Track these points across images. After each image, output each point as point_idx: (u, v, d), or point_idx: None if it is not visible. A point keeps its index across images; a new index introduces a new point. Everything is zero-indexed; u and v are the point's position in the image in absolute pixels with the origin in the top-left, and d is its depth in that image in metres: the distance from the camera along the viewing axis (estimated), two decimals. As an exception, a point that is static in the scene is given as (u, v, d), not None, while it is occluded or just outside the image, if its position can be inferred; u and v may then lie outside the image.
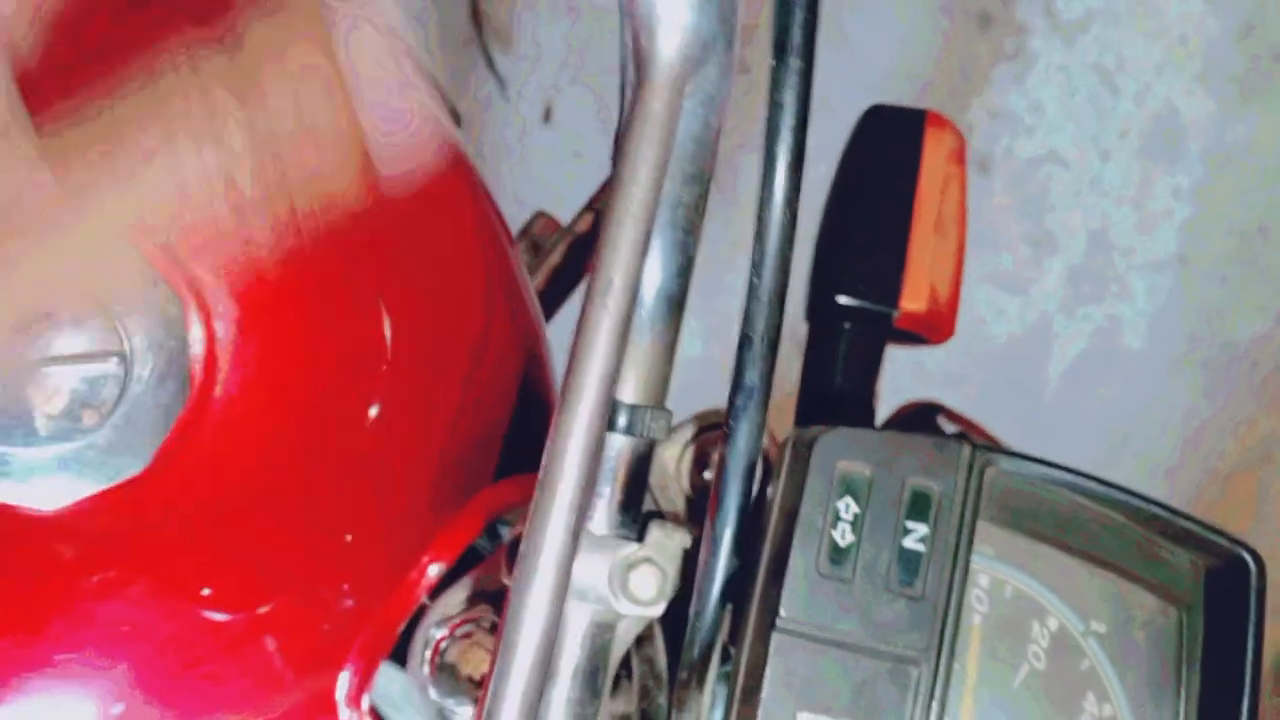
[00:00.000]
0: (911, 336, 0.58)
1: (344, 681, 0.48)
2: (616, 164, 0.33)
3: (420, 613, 0.48)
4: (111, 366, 0.37)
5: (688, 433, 0.48)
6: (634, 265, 0.33)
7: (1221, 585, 0.35)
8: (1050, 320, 1.57)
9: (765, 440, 0.42)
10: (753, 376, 0.32)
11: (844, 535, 0.35)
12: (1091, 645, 0.36)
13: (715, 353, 1.40)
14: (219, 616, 0.45)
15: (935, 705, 0.34)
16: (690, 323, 0.45)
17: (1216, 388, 1.55)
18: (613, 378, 0.36)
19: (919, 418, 0.52)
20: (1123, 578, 0.36)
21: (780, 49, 0.28)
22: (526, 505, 0.50)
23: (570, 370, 0.36)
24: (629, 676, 0.48)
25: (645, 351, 0.42)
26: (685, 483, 0.48)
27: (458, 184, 0.51)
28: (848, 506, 0.35)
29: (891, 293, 0.55)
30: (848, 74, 1.52)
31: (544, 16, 1.50)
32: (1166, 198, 1.60)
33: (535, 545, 0.35)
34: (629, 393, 0.42)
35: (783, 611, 0.35)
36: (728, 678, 0.38)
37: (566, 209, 0.83)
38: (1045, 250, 1.58)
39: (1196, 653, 0.35)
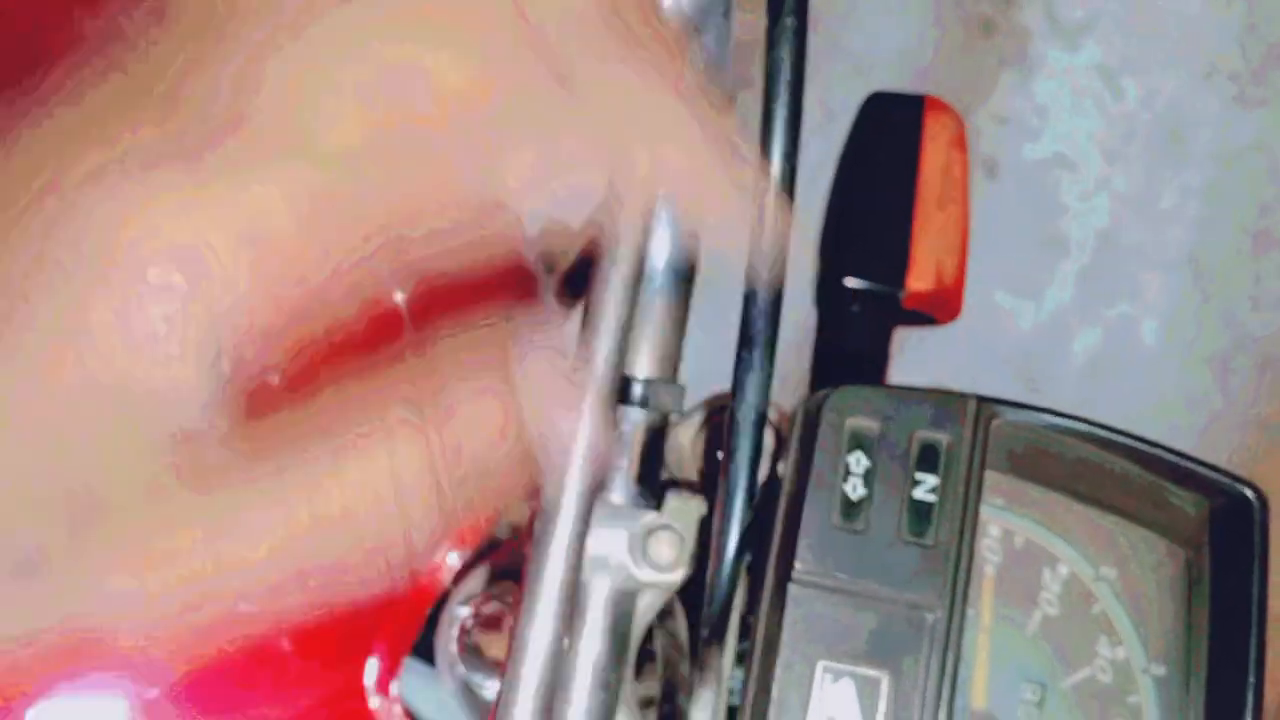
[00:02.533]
0: (920, 317, 0.59)
1: (372, 669, 0.49)
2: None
3: (443, 600, 0.49)
4: None
5: (701, 414, 0.49)
6: (640, 232, 0.34)
7: (1227, 524, 0.36)
8: (1063, 321, 1.57)
9: (773, 414, 0.43)
10: (759, 328, 0.33)
11: (855, 489, 0.36)
12: (1102, 590, 0.37)
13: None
14: (243, 608, 0.46)
15: (951, 650, 0.35)
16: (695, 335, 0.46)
17: (1231, 384, 1.55)
18: (622, 347, 0.37)
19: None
20: (1130, 522, 0.37)
21: (775, 6, 0.29)
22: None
23: (580, 341, 0.37)
24: (653, 660, 0.49)
25: (656, 327, 0.43)
26: (701, 462, 0.49)
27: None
28: (858, 461, 0.36)
29: (898, 273, 0.56)
30: (851, 84, 1.54)
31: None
32: (1175, 197, 1.60)
33: (551, 506, 0.36)
34: (642, 367, 0.43)
35: (798, 565, 0.36)
36: (747, 635, 0.39)
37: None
38: (1056, 252, 1.59)
39: (1205, 592, 0.36)
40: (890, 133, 0.59)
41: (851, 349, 0.58)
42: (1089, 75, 1.60)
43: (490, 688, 0.44)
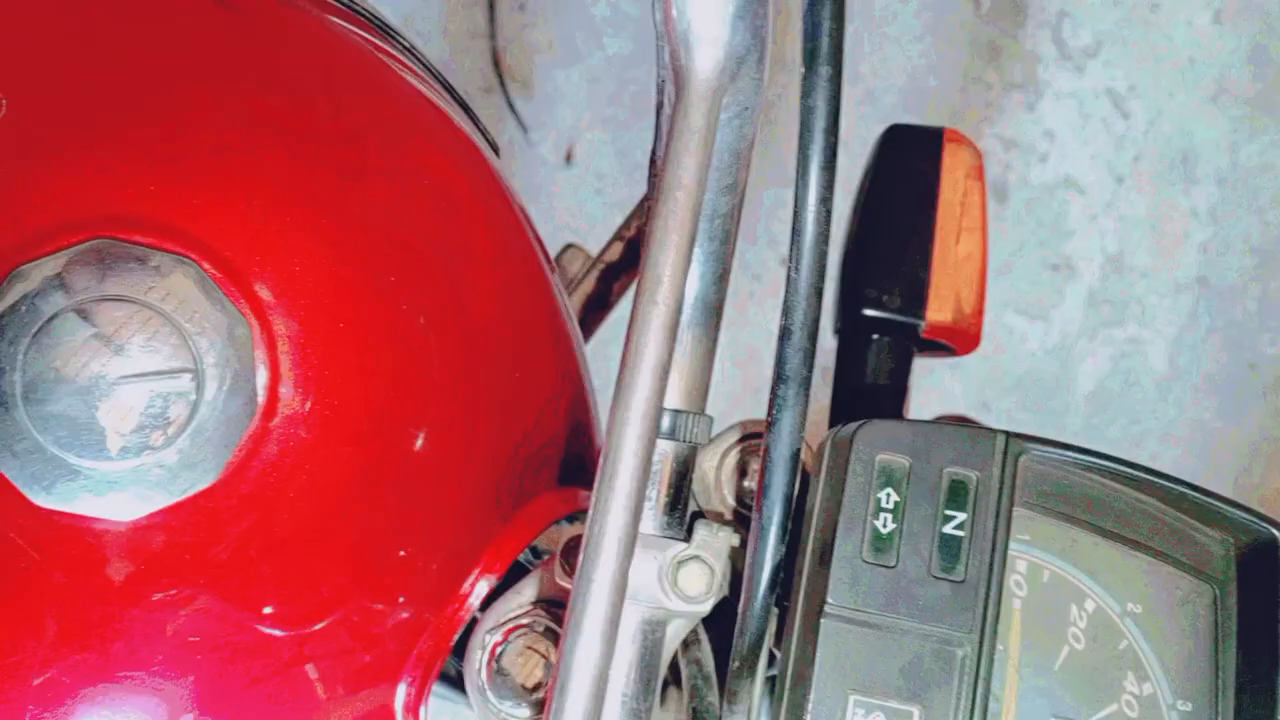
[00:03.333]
0: (939, 346, 0.60)
1: (401, 693, 0.50)
2: (661, 175, 0.34)
3: (472, 625, 0.49)
4: (184, 383, 0.39)
5: (727, 441, 0.50)
6: (680, 270, 0.35)
7: (1254, 563, 0.36)
8: (1072, 344, 1.58)
9: (803, 451, 0.43)
10: (794, 365, 0.33)
11: (885, 524, 0.37)
12: (1129, 626, 0.37)
13: (740, 385, 1.42)
14: (279, 633, 0.47)
15: (981, 684, 0.35)
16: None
17: (1241, 406, 1.56)
18: (664, 380, 0.37)
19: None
20: (1157, 558, 0.37)
21: (810, 57, 0.30)
22: (570, 514, 0.51)
23: (623, 375, 0.38)
24: (677, 684, 0.49)
25: (686, 358, 0.43)
26: (726, 491, 0.49)
27: (500, 209, 0.53)
28: (888, 496, 0.37)
29: (917, 304, 0.57)
30: (862, 111, 1.55)
31: (561, 62, 1.53)
32: (1183, 219, 1.61)
33: (596, 545, 0.36)
34: (671, 399, 0.43)
35: (830, 598, 0.36)
36: (773, 664, 0.39)
37: (592, 243, 0.85)
38: (1064, 275, 1.59)
39: (1232, 629, 0.36)
40: (909, 165, 0.59)
41: (871, 380, 0.58)
42: (1096, 98, 1.61)
43: (519, 714, 0.45)
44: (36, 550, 0.42)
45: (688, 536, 0.42)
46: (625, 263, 0.76)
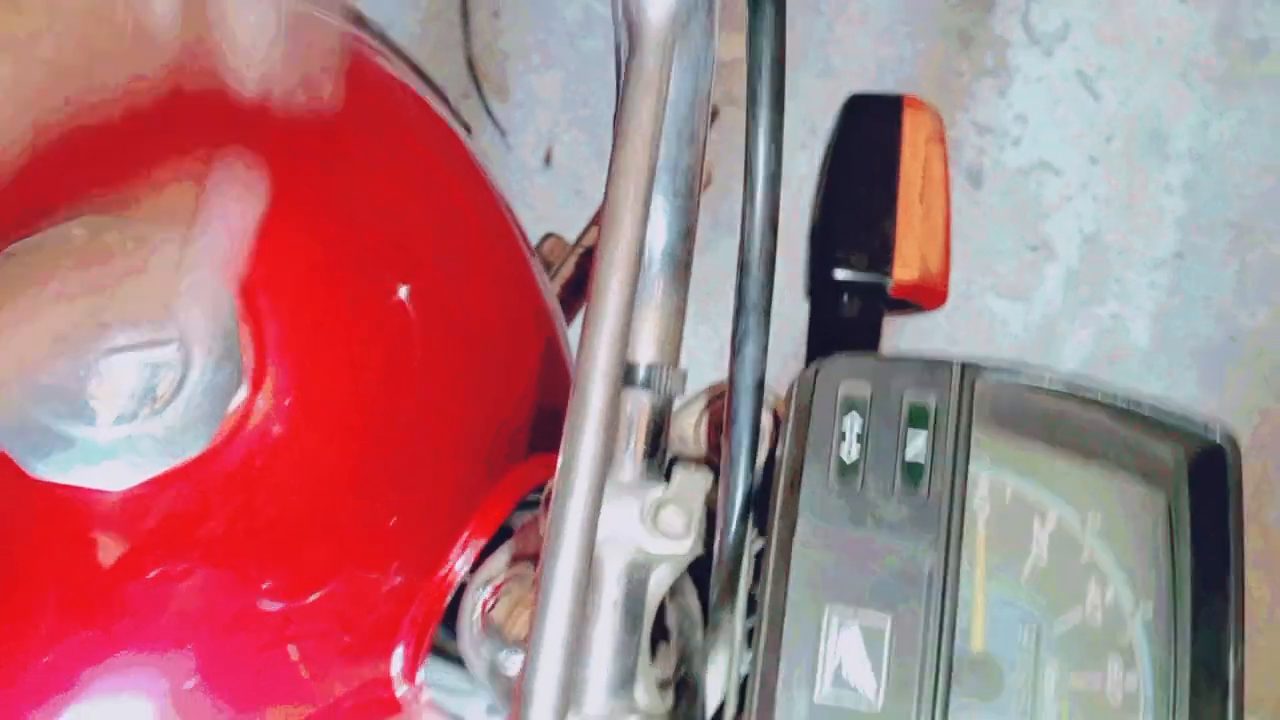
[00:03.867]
0: (908, 305, 0.61)
1: (398, 658, 0.51)
2: (616, 127, 0.36)
3: (463, 589, 0.51)
4: (170, 354, 0.40)
5: (703, 400, 0.52)
6: (638, 217, 0.36)
7: (1203, 469, 0.38)
8: (1054, 324, 1.60)
9: (770, 399, 0.45)
10: (753, 296, 0.35)
11: (850, 450, 0.38)
12: (1089, 537, 0.39)
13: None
14: (274, 605, 0.48)
15: (949, 595, 0.37)
16: (700, 331, 0.48)
17: (1225, 379, 1.57)
18: (625, 328, 0.38)
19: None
20: (1111, 470, 0.39)
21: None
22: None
23: (585, 326, 0.39)
24: (666, 640, 0.51)
25: (656, 313, 0.45)
26: (704, 445, 0.51)
27: (478, 189, 0.55)
28: (852, 423, 0.39)
29: (885, 264, 0.59)
30: (835, 101, 1.57)
31: (536, 67, 1.55)
32: (1158, 196, 1.63)
33: (565, 485, 0.37)
34: (645, 353, 0.45)
35: (800, 523, 0.38)
36: (753, 610, 0.41)
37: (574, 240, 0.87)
38: (1043, 256, 1.61)
39: (1185, 533, 0.38)
40: (871, 131, 0.61)
41: (843, 339, 0.60)
42: (1067, 81, 1.63)
43: (514, 663, 0.46)
44: (35, 524, 0.43)
45: (666, 482, 0.44)
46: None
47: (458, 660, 0.57)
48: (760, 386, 0.36)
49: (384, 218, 0.50)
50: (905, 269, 0.58)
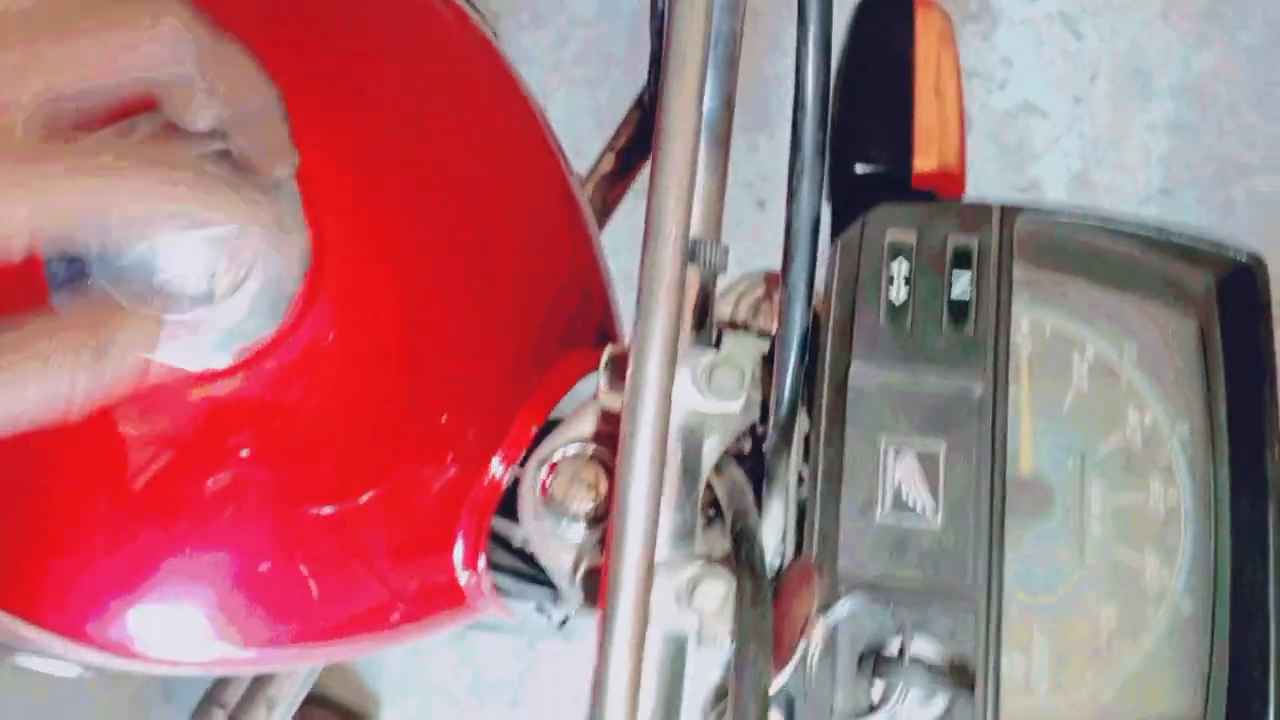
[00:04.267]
0: (927, 197, 0.63)
1: (459, 549, 0.53)
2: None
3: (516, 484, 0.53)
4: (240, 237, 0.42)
5: (744, 283, 0.53)
6: (697, 89, 0.38)
7: (1232, 290, 0.40)
8: (1047, 262, 1.62)
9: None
10: (809, 133, 0.37)
11: (899, 293, 0.40)
12: (1126, 365, 0.41)
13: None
14: (332, 503, 0.50)
15: (999, 420, 0.39)
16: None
17: (1215, 308, 1.60)
18: (689, 201, 0.40)
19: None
20: (1145, 299, 0.41)
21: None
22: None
23: (651, 194, 0.41)
24: (720, 517, 0.52)
25: (699, 189, 0.47)
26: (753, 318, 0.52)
27: (510, 90, 0.57)
28: (899, 268, 0.41)
29: (904, 156, 0.61)
30: (842, 13, 1.59)
31: (527, 26, 1.57)
32: (1143, 134, 1.66)
33: (643, 354, 0.39)
34: (691, 226, 0.47)
35: (855, 362, 0.40)
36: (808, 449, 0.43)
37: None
38: (1033, 198, 1.64)
39: (1218, 353, 0.40)
40: (884, 30, 0.63)
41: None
42: (1049, 23, 1.66)
43: (575, 532, 0.48)
44: (90, 428, 0.45)
45: (719, 345, 0.46)
46: (619, 172, 0.80)
47: (516, 554, 0.60)
48: (817, 224, 0.37)
49: (424, 114, 0.51)
50: (925, 159, 0.61)
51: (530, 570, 0.70)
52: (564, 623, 0.73)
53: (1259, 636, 0.37)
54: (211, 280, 0.42)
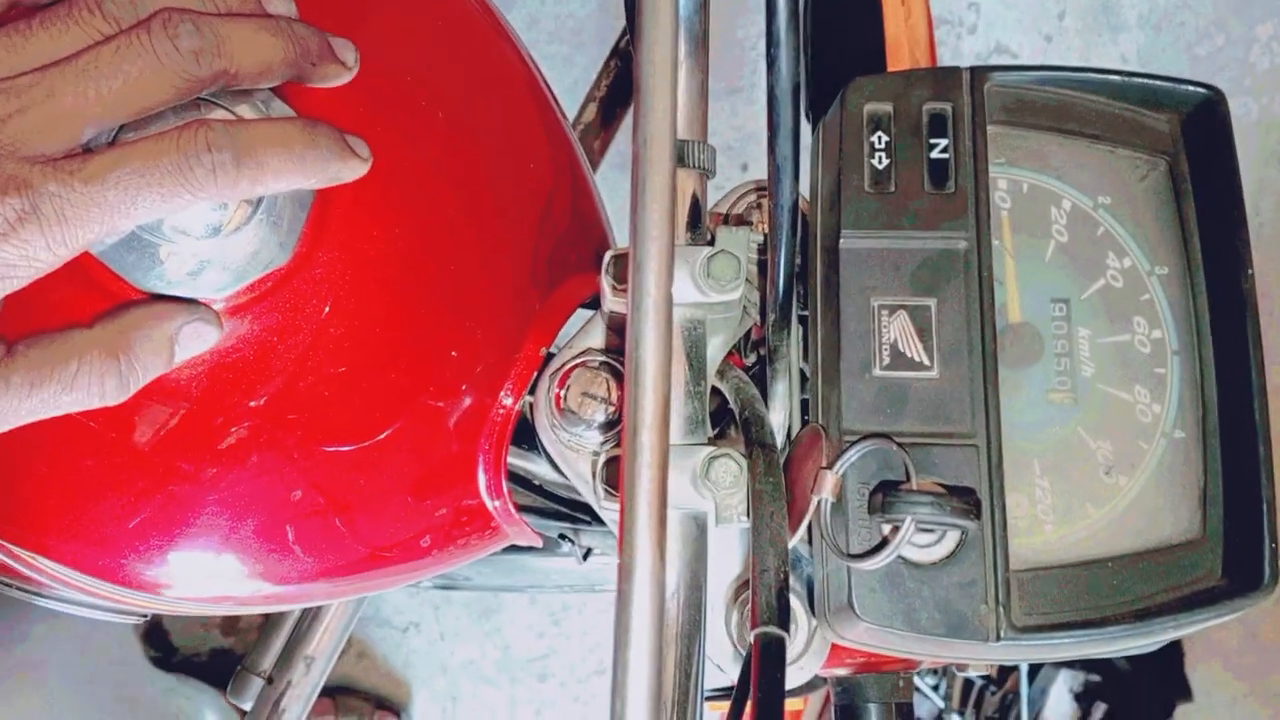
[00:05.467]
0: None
1: (482, 479, 0.54)
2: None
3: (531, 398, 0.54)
4: None
5: (736, 194, 0.55)
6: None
7: (1197, 125, 0.42)
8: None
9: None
10: (780, 11, 0.38)
11: (881, 160, 0.42)
12: (1102, 214, 0.43)
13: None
14: (350, 443, 0.51)
15: (984, 271, 0.41)
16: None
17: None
18: (674, 79, 0.42)
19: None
20: (1114, 147, 0.43)
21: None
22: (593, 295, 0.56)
23: (637, 102, 0.42)
24: (736, 426, 0.54)
25: (681, 92, 0.49)
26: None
27: (497, 30, 0.59)
28: (880, 138, 0.42)
29: (878, 64, 0.63)
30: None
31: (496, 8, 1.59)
32: (1116, 65, 1.67)
33: (643, 247, 0.41)
34: (677, 129, 0.49)
35: (844, 229, 0.42)
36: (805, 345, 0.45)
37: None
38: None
39: (1188, 189, 0.42)
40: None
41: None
42: (1014, -36, 1.68)
43: (590, 438, 0.50)
44: None
45: (713, 242, 0.48)
46: (603, 120, 0.81)
47: (539, 491, 0.61)
48: (798, 91, 0.39)
49: (420, 52, 0.53)
50: (898, 64, 0.63)
51: (554, 506, 0.72)
52: (588, 554, 0.74)
53: (1249, 452, 0.39)
54: (221, 212, 0.44)
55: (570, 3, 1.59)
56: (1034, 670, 1.35)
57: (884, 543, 0.38)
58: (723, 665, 0.50)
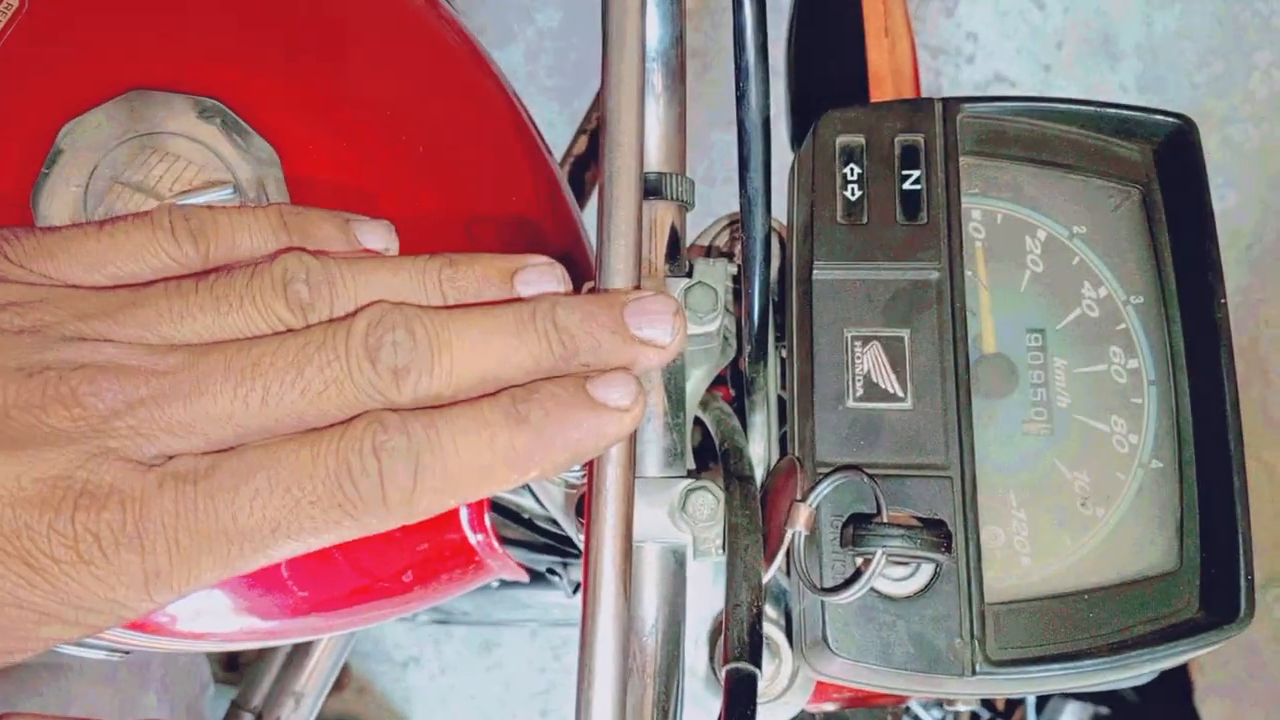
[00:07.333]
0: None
1: (464, 512, 0.54)
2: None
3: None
4: (227, 195, 0.44)
5: (715, 228, 0.55)
6: (639, 35, 0.39)
7: (1170, 154, 0.42)
8: (1031, 229, 1.64)
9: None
10: (750, 33, 0.38)
11: (853, 192, 0.42)
12: (1077, 244, 0.43)
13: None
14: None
15: (956, 303, 0.41)
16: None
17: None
18: (642, 110, 0.41)
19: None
20: (1087, 177, 0.43)
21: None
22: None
23: (603, 135, 0.42)
24: (716, 460, 0.54)
25: (659, 124, 0.49)
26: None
27: (477, 57, 0.59)
28: (852, 170, 0.42)
29: (861, 91, 0.63)
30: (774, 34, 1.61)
31: (497, 43, 1.60)
32: (1114, 95, 1.68)
33: (610, 286, 0.40)
34: (654, 162, 0.49)
35: (817, 261, 0.42)
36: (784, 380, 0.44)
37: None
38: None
39: (1162, 217, 0.42)
40: (831, -20, 0.66)
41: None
42: (1011, -5, 1.69)
43: (574, 472, 0.50)
44: None
45: (690, 275, 0.48)
46: (591, 153, 0.82)
47: (525, 524, 0.61)
48: (768, 124, 0.39)
49: (403, 88, 0.54)
50: (880, 92, 0.63)
51: (540, 540, 0.72)
52: (576, 589, 0.74)
53: (1225, 482, 0.39)
54: None
55: (569, 35, 1.60)
56: (1041, 702, 1.34)
57: (856, 575, 0.37)
58: (705, 703, 0.49)
